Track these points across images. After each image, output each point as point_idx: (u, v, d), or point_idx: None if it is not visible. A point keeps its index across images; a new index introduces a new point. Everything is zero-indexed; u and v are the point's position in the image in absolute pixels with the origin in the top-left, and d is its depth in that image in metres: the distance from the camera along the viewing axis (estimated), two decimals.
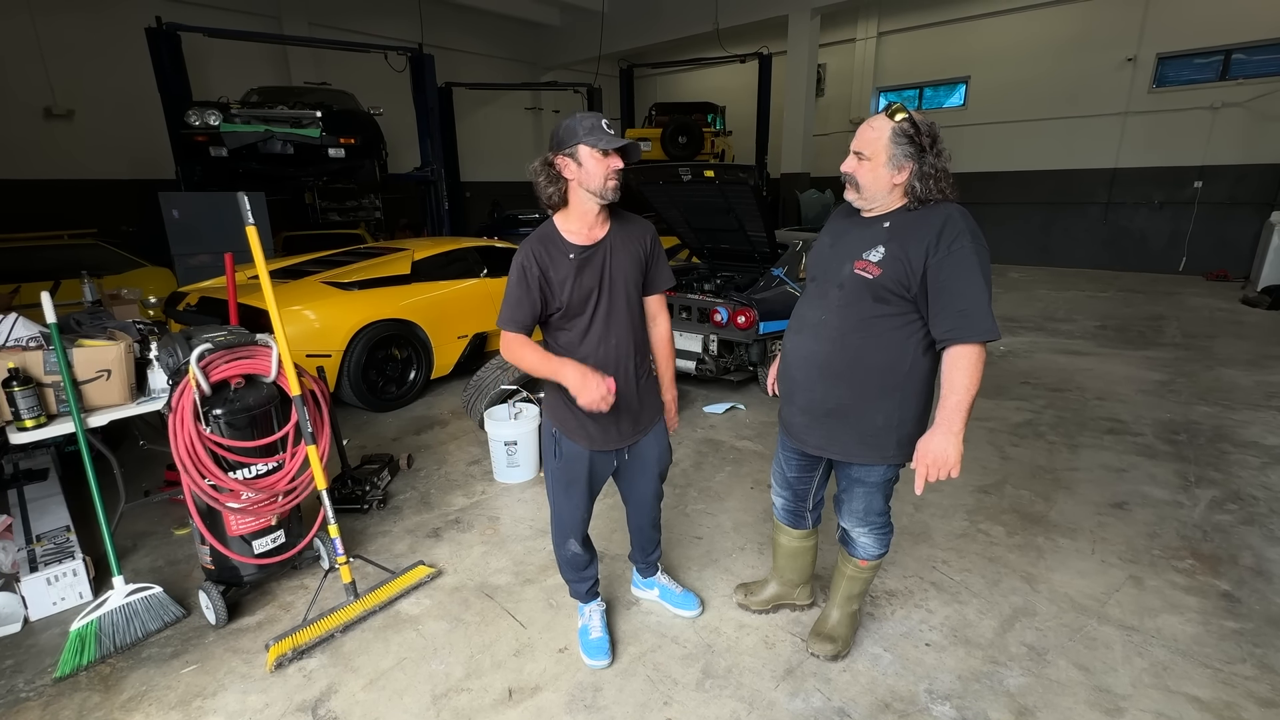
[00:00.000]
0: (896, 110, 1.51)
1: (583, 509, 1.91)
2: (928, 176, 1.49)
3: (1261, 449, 3.48)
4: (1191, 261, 10.08)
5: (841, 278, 1.61)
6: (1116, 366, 5.08)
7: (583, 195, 1.66)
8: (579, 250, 1.69)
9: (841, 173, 1.62)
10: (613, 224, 1.75)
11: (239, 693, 1.90)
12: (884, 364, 1.59)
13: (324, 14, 10.38)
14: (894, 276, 1.52)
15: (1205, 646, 2.01)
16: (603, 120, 1.63)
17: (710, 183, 4.04)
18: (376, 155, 8.01)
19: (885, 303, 1.55)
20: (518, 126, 13.98)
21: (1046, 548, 2.59)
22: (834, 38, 12.40)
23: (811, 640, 2.01)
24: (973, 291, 1.45)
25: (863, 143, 1.55)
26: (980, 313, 1.44)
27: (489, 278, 4.92)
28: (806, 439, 1.78)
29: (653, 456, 1.95)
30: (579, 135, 1.59)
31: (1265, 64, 9.17)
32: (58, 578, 2.26)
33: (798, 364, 1.73)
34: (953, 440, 1.48)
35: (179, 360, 2.10)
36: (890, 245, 1.53)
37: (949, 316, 1.47)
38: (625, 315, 1.76)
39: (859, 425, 1.66)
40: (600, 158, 1.60)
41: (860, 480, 1.77)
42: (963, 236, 1.46)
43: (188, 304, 4.31)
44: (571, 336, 1.75)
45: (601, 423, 1.78)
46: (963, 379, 1.46)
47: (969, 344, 1.46)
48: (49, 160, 8.28)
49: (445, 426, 4.08)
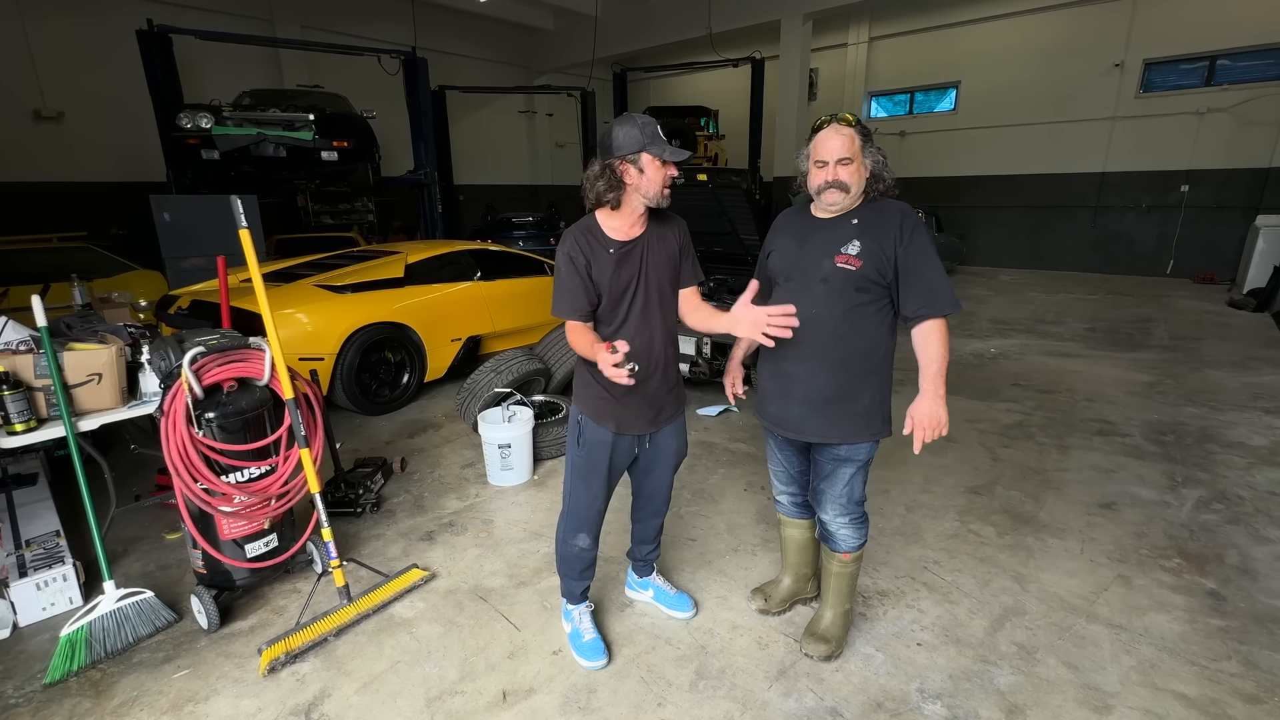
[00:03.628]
0: (844, 117, 1.69)
1: (599, 500, 1.93)
2: (882, 164, 1.71)
3: (1247, 449, 3.52)
4: (1179, 264, 10.20)
5: (824, 273, 1.72)
6: (1105, 368, 5.14)
7: (636, 199, 1.70)
8: (619, 245, 1.74)
9: (832, 182, 1.67)
10: (650, 222, 1.79)
11: (231, 697, 1.89)
12: (867, 348, 1.75)
13: (317, 17, 10.36)
14: (874, 266, 1.68)
15: (1192, 644, 2.04)
16: (657, 126, 1.66)
17: (703, 186, 4.06)
18: (369, 158, 7.98)
19: (865, 291, 1.70)
20: (511, 130, 13.99)
21: (1036, 548, 2.62)
22: (826, 42, 12.51)
23: (806, 641, 2.02)
24: (934, 272, 1.67)
25: (841, 149, 1.66)
26: (944, 289, 1.67)
27: (482, 281, 4.92)
28: (805, 429, 1.83)
29: (671, 448, 1.99)
30: (642, 143, 1.62)
31: (1249, 70, 9.32)
32: (47, 583, 2.24)
33: (795, 359, 1.79)
34: (940, 403, 1.68)
35: (171, 363, 2.10)
36: (864, 239, 1.69)
37: (918, 295, 1.68)
38: (659, 308, 1.81)
39: (852, 408, 1.77)
40: (660, 166, 1.64)
41: (848, 460, 1.82)
42: (919, 227, 1.69)
43: (179, 307, 4.29)
44: (610, 329, 1.79)
45: (630, 406, 1.82)
46: (938, 348, 1.67)
47: (938, 318, 1.67)
48: (38, 163, 8.21)
49: (439, 429, 4.07)
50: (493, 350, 4.93)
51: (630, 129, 1.63)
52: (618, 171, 1.66)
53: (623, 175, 1.66)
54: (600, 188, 1.67)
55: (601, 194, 1.68)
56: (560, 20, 12.77)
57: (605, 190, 1.67)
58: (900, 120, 12.69)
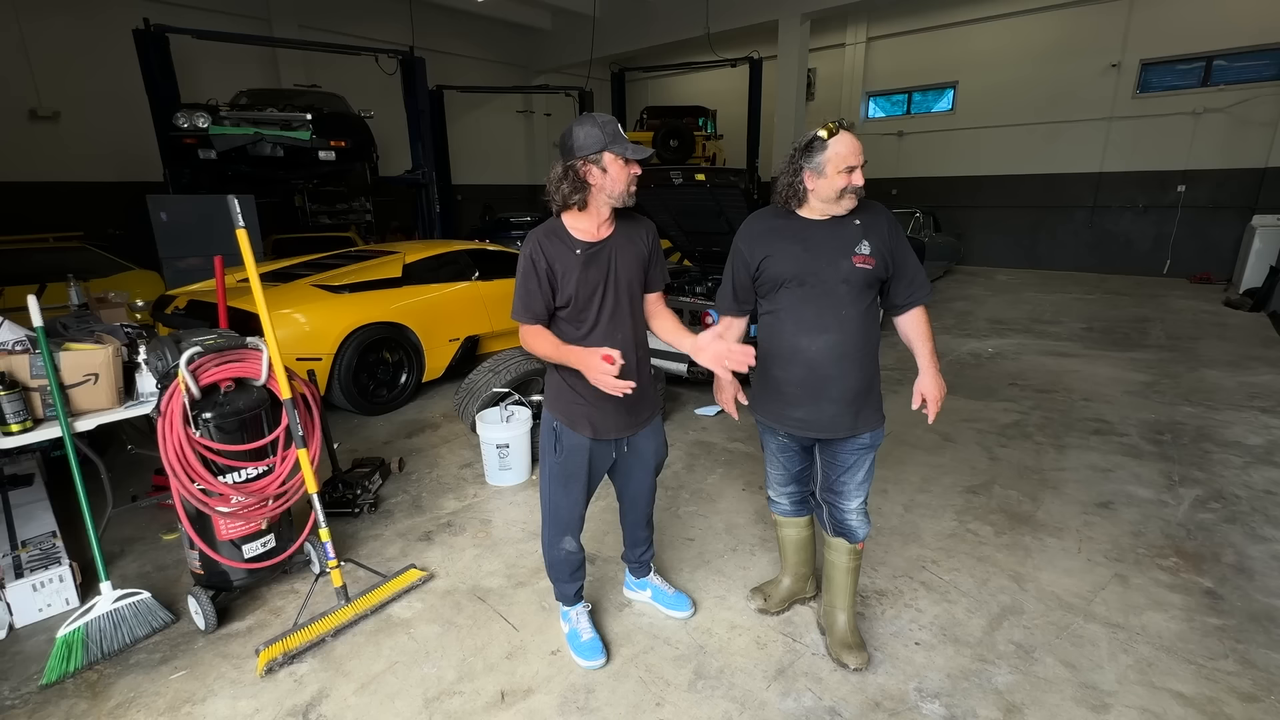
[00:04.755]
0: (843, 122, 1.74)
1: (580, 505, 1.92)
2: None
3: (1244, 449, 3.53)
4: (1175, 264, 10.23)
5: (844, 274, 1.75)
6: (1102, 368, 5.15)
7: (601, 199, 1.69)
8: (585, 246, 1.72)
9: (853, 186, 1.69)
10: (618, 222, 1.78)
11: (229, 698, 1.89)
12: (874, 339, 1.85)
13: (314, 16, 10.33)
14: (882, 264, 1.78)
15: (1189, 643, 2.05)
16: (618, 125, 1.65)
17: (702, 186, 4.06)
18: (367, 158, 7.97)
19: (872, 288, 1.81)
20: (509, 130, 13.96)
21: (1034, 547, 2.62)
22: (824, 42, 12.50)
23: (842, 653, 1.97)
24: (915, 262, 1.84)
25: (859, 154, 1.70)
26: (923, 278, 1.86)
27: (480, 281, 4.91)
28: (838, 426, 1.84)
29: (649, 450, 1.98)
30: (603, 142, 1.60)
31: (1245, 70, 9.35)
32: (44, 584, 2.23)
33: (829, 360, 1.79)
34: (939, 377, 1.87)
35: (168, 364, 2.09)
36: (871, 239, 1.76)
37: (906, 285, 1.84)
38: (630, 311, 1.80)
39: (873, 399, 1.87)
40: (623, 165, 1.63)
41: (871, 447, 1.88)
42: (898, 223, 1.84)
43: (176, 307, 4.28)
44: (579, 332, 1.77)
45: (606, 410, 1.81)
46: (928, 329, 1.87)
47: (922, 303, 1.86)
48: (34, 162, 8.17)
49: (437, 430, 4.07)
50: (491, 350, 4.92)
51: (591, 129, 1.61)
52: (580, 173, 1.64)
53: (585, 176, 1.65)
54: (565, 190, 1.66)
55: (567, 196, 1.67)
56: (558, 20, 12.75)
57: (570, 192, 1.66)
58: (898, 120, 12.70)
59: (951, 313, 7.62)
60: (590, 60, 11.47)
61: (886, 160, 12.51)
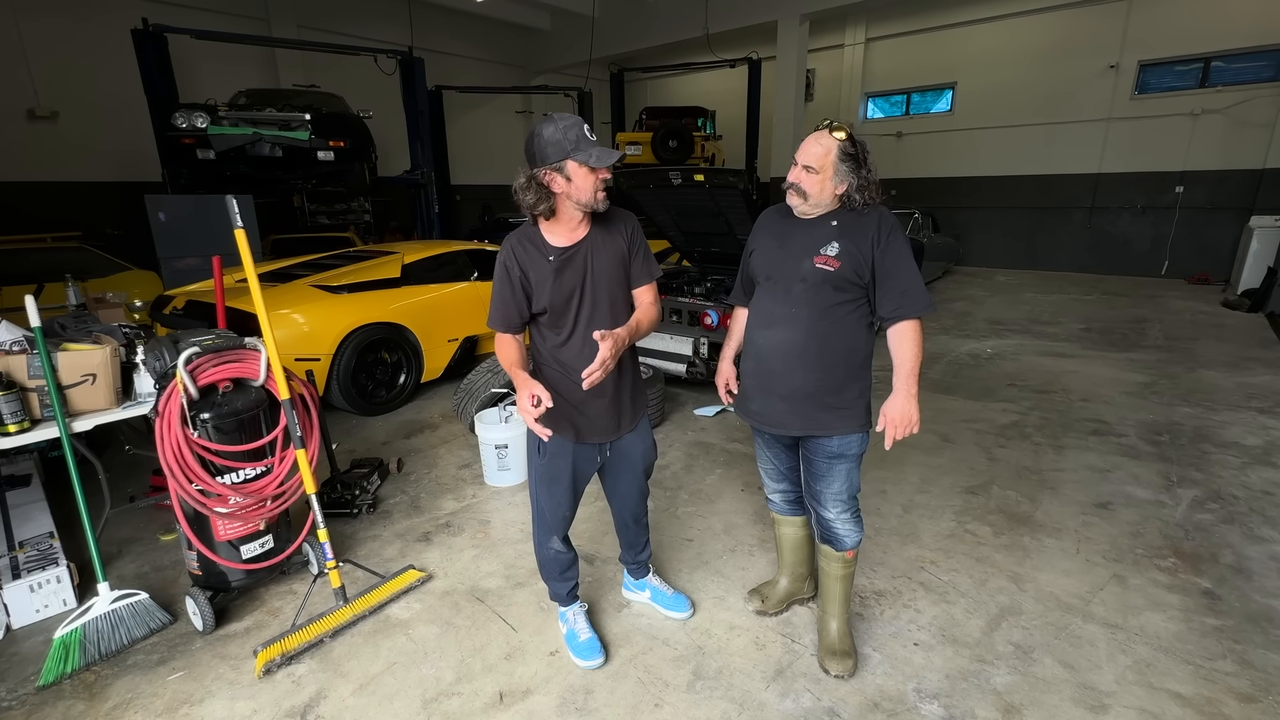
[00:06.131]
0: (838, 128, 1.69)
1: (566, 506, 1.91)
2: (863, 188, 1.70)
3: (1242, 449, 3.54)
4: (1174, 265, 10.24)
5: (803, 272, 1.74)
6: (1101, 369, 5.16)
7: (570, 206, 1.66)
8: (559, 252, 1.70)
9: (789, 182, 1.74)
10: (594, 223, 1.74)
11: (227, 699, 1.89)
12: (848, 345, 1.78)
13: (313, 16, 10.33)
14: (851, 267, 1.71)
15: (1187, 643, 2.05)
16: (585, 128, 1.60)
17: (700, 187, 4.06)
18: (366, 158, 7.96)
19: (843, 291, 1.73)
20: (508, 130, 13.96)
21: (1032, 547, 2.62)
22: (823, 43, 12.51)
23: (827, 659, 1.96)
24: (909, 274, 1.71)
25: (811, 157, 1.68)
26: (918, 291, 1.71)
27: (479, 281, 4.91)
28: (789, 423, 1.84)
29: (636, 453, 1.97)
30: (566, 150, 1.56)
31: (1243, 72, 9.36)
32: (41, 585, 2.23)
33: (775, 355, 1.81)
34: (911, 401, 1.71)
35: (166, 364, 2.09)
36: (843, 241, 1.71)
37: (894, 297, 1.71)
38: (610, 316, 1.75)
39: (835, 402, 1.79)
40: (589, 172, 1.59)
41: (842, 455, 1.83)
42: (896, 230, 1.72)
43: (174, 308, 4.28)
44: (559, 337, 1.76)
45: (588, 414, 1.80)
46: (911, 349, 1.70)
47: (912, 319, 1.71)
48: (32, 162, 8.17)
49: (435, 430, 4.06)
50: (489, 351, 4.92)
51: (553, 134, 1.55)
52: (544, 181, 1.60)
53: (550, 184, 1.61)
54: (530, 199, 1.62)
55: (533, 205, 1.63)
56: (557, 20, 12.76)
57: (536, 202, 1.62)
58: (897, 121, 12.71)
59: (950, 313, 7.63)
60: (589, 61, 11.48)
61: (885, 161, 12.51)
